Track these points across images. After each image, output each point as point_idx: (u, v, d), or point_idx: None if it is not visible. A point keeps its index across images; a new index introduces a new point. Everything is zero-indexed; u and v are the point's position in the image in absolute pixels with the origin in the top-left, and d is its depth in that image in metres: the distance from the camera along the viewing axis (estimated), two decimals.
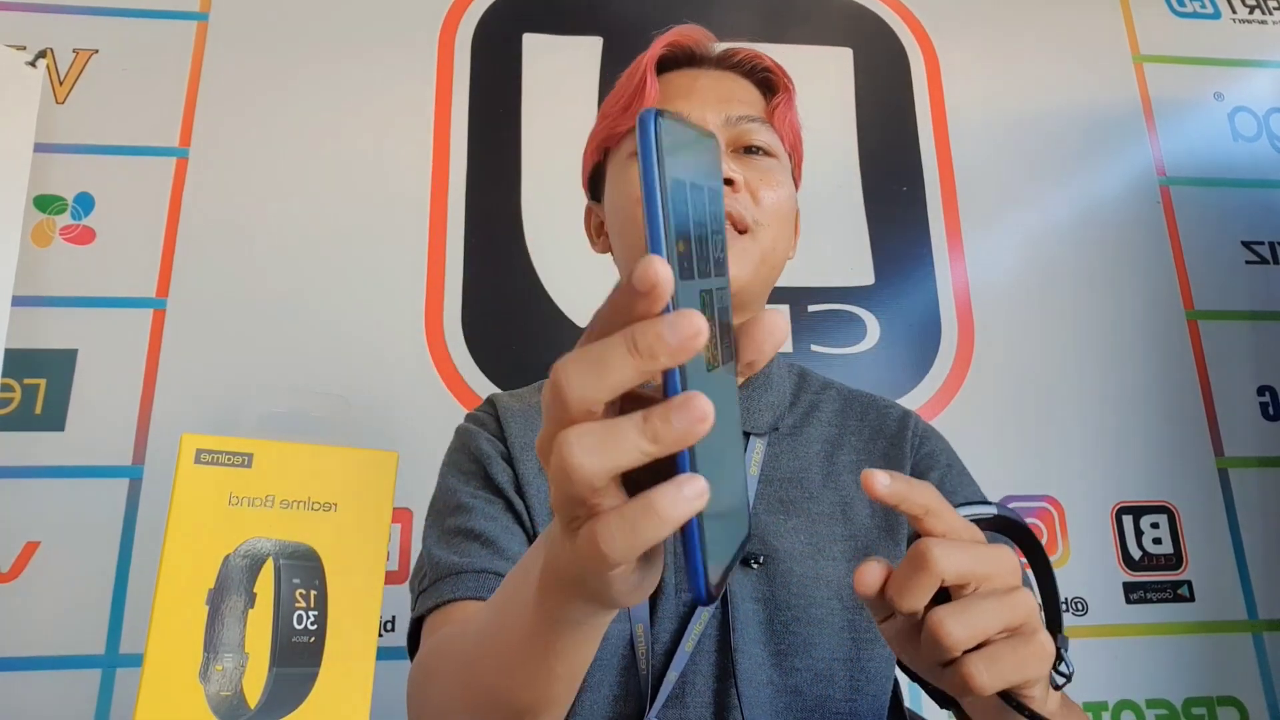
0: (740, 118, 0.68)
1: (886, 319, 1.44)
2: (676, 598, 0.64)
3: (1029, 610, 0.39)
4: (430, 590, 0.60)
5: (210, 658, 0.44)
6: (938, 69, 1.59)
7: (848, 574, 0.65)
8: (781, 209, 0.68)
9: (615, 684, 0.62)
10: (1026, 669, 0.39)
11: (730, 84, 0.71)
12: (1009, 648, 0.39)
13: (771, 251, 0.68)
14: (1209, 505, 1.39)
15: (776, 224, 0.68)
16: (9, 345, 1.23)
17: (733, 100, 0.69)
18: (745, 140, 0.69)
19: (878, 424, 0.74)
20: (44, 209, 1.34)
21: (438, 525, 0.65)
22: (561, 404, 0.28)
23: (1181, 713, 1.30)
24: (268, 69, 1.45)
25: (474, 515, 0.63)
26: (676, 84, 0.71)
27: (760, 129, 0.69)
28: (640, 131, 0.29)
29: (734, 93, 0.71)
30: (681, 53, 0.72)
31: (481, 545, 0.61)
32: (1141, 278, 1.50)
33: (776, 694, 0.62)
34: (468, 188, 1.43)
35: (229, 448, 0.47)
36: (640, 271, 0.26)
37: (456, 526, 0.63)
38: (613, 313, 0.28)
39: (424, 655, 0.56)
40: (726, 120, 0.68)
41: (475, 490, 0.66)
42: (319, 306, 1.34)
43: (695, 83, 0.71)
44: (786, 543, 0.66)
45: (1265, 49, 1.67)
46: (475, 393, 1.33)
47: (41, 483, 1.22)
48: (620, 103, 0.71)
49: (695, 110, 0.68)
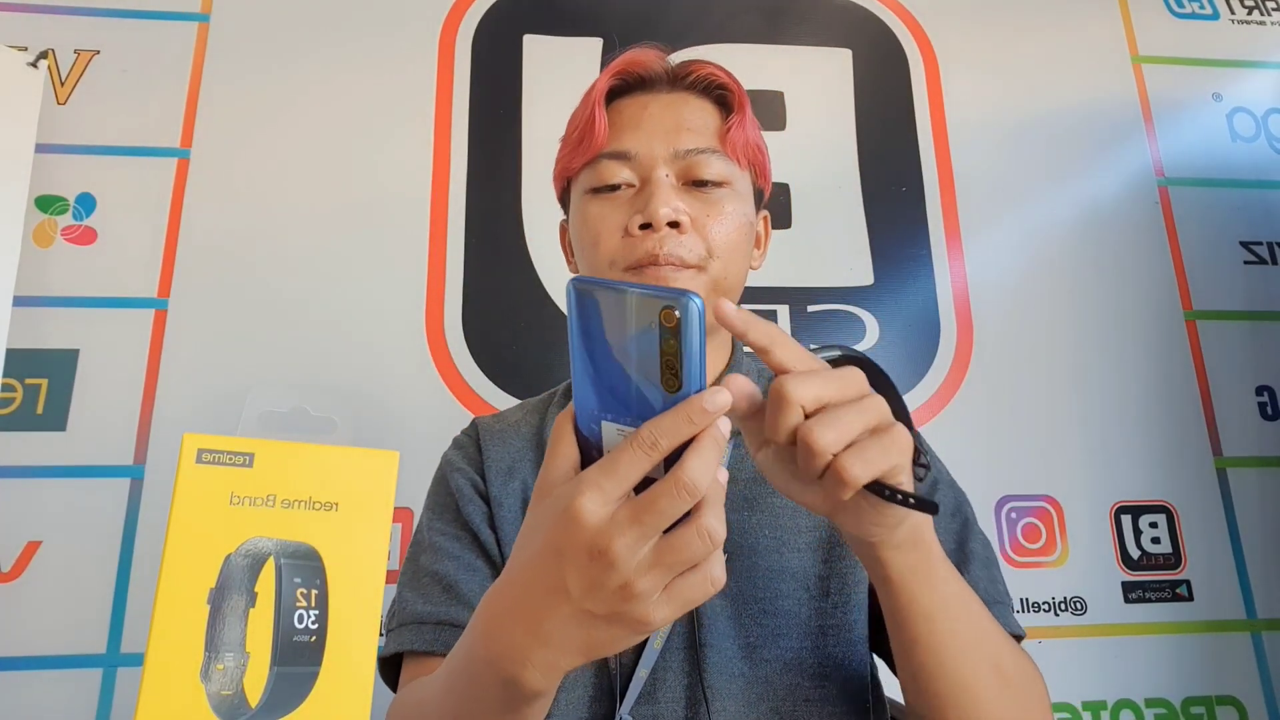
0: (689, 151, 0.68)
1: (886, 319, 1.45)
2: None
3: (882, 411, 0.44)
4: (396, 632, 0.67)
5: (211, 657, 0.44)
6: (937, 70, 1.59)
7: (814, 565, 0.67)
8: (730, 240, 0.68)
9: (588, 684, 0.64)
10: (890, 455, 0.43)
11: (681, 109, 0.71)
12: (872, 441, 0.43)
13: (723, 279, 0.68)
14: (1208, 505, 1.40)
15: (726, 253, 0.68)
16: (11, 345, 1.23)
17: (681, 130, 0.69)
18: (694, 174, 0.68)
19: None
20: (45, 209, 1.34)
21: (412, 562, 0.71)
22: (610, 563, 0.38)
23: (1180, 712, 1.31)
24: (269, 70, 1.46)
25: (441, 556, 0.68)
26: (627, 114, 0.71)
27: (710, 160, 0.68)
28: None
29: (685, 119, 0.70)
30: (632, 79, 0.72)
31: (443, 590, 0.66)
32: (1140, 278, 1.50)
33: (747, 685, 0.63)
34: (468, 188, 1.44)
35: (230, 447, 0.47)
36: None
37: (425, 567, 0.68)
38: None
39: (392, 709, 0.62)
40: (675, 154, 0.68)
41: (444, 527, 0.70)
42: (319, 306, 1.35)
43: (645, 111, 0.70)
44: (751, 538, 0.67)
45: (1264, 50, 1.67)
46: (475, 393, 1.33)
47: (43, 482, 1.23)
48: (575, 136, 0.72)
49: (643, 145, 0.68)
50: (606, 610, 0.39)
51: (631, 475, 0.38)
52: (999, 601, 0.66)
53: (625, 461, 0.37)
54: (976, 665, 0.54)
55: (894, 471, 0.43)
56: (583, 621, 0.39)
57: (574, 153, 0.72)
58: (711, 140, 0.70)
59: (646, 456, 0.37)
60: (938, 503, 0.45)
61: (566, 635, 0.40)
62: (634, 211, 0.67)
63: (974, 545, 0.68)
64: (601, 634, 0.40)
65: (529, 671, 0.41)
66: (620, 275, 0.67)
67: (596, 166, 0.70)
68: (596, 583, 0.38)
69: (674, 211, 0.66)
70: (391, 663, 0.68)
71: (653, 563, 0.38)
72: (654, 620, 0.39)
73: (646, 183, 0.68)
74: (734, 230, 0.68)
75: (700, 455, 0.37)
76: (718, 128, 0.71)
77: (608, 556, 0.37)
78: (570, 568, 0.38)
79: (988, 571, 0.68)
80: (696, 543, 0.37)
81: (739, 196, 0.70)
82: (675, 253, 0.65)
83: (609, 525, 0.37)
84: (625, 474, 0.37)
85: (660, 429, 0.37)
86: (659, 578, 0.38)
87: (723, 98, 0.73)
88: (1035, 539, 1.36)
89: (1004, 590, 0.68)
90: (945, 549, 0.66)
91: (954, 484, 0.74)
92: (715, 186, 0.69)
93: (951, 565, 0.54)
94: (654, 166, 0.68)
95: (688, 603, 0.39)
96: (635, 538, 0.37)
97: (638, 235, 0.66)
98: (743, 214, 0.70)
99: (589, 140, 0.70)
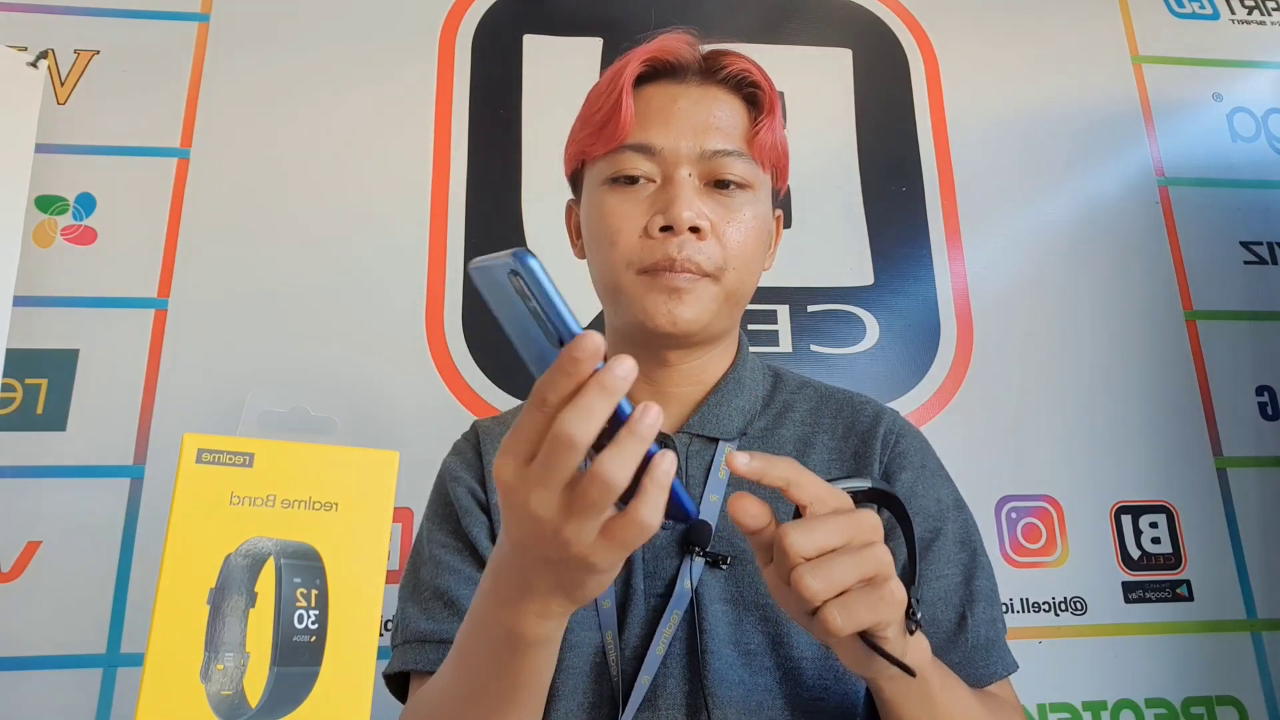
0: (715, 152, 0.66)
1: (886, 319, 1.45)
2: (645, 603, 0.65)
3: (880, 562, 0.45)
4: (401, 649, 0.67)
5: (211, 657, 0.44)
6: (937, 70, 1.59)
7: None
8: (747, 247, 0.67)
9: (589, 691, 0.63)
10: (877, 612, 0.45)
11: (710, 105, 0.68)
12: (861, 594, 0.45)
13: (736, 290, 0.68)
14: (1208, 505, 1.40)
15: (742, 263, 0.67)
16: (10, 345, 1.23)
17: (709, 129, 0.67)
18: (718, 174, 0.67)
19: (850, 421, 0.73)
20: (45, 209, 1.34)
21: (413, 574, 0.71)
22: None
23: (1180, 712, 1.31)
24: (268, 70, 1.45)
25: (442, 571, 0.68)
26: (655, 104, 0.68)
27: (735, 162, 0.67)
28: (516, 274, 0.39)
29: (713, 118, 0.68)
30: (662, 66, 0.70)
31: (444, 606, 0.67)
32: (1140, 278, 1.50)
33: (748, 693, 0.62)
34: (468, 188, 1.44)
35: (230, 447, 0.47)
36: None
37: (427, 581, 0.69)
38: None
39: (403, 716, 0.64)
40: (701, 155, 0.66)
41: (445, 539, 0.71)
42: (319, 306, 1.35)
43: (674, 104, 0.68)
44: None
45: (1264, 50, 1.67)
46: (475, 393, 1.33)
47: (43, 482, 1.22)
48: (597, 119, 0.69)
49: (669, 141, 0.66)
50: (558, 556, 0.41)
51: (529, 433, 0.39)
52: (996, 641, 0.67)
53: (523, 422, 0.39)
54: None
55: (880, 626, 0.45)
56: (550, 568, 0.43)
57: (595, 137, 0.69)
58: (738, 142, 0.68)
59: (539, 412, 0.39)
60: (914, 670, 0.47)
61: (544, 582, 0.44)
62: (654, 211, 0.65)
63: (980, 583, 0.68)
64: (568, 577, 0.43)
65: (528, 620, 0.45)
66: (634, 277, 0.66)
67: (618, 157, 0.67)
68: (536, 534, 0.41)
69: (695, 217, 0.64)
70: (397, 677, 0.68)
71: (567, 510, 0.39)
72: (597, 562, 0.41)
73: (669, 181, 0.66)
74: (751, 238, 0.68)
75: (577, 409, 0.38)
76: (745, 128, 0.69)
77: (527, 510, 0.40)
78: (514, 523, 0.42)
79: (990, 611, 0.67)
80: (591, 489, 0.38)
81: (758, 200, 0.69)
82: (693, 258, 0.64)
83: (522, 484, 0.40)
84: (524, 432, 0.39)
85: (544, 385, 0.38)
86: (581, 523, 0.40)
87: (753, 96, 0.70)
88: (1035, 539, 1.36)
89: (1001, 626, 0.68)
90: (951, 582, 0.67)
91: (961, 505, 0.72)
92: (737, 189, 0.67)
93: (947, 672, 0.56)
94: (678, 165, 0.66)
95: (624, 544, 0.41)
96: (541, 490, 0.39)
97: (658, 238, 0.65)
98: (761, 218, 0.69)
99: (613, 127, 0.67)
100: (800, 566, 0.44)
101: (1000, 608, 0.69)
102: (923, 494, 0.70)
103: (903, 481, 0.70)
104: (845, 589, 0.44)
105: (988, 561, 0.70)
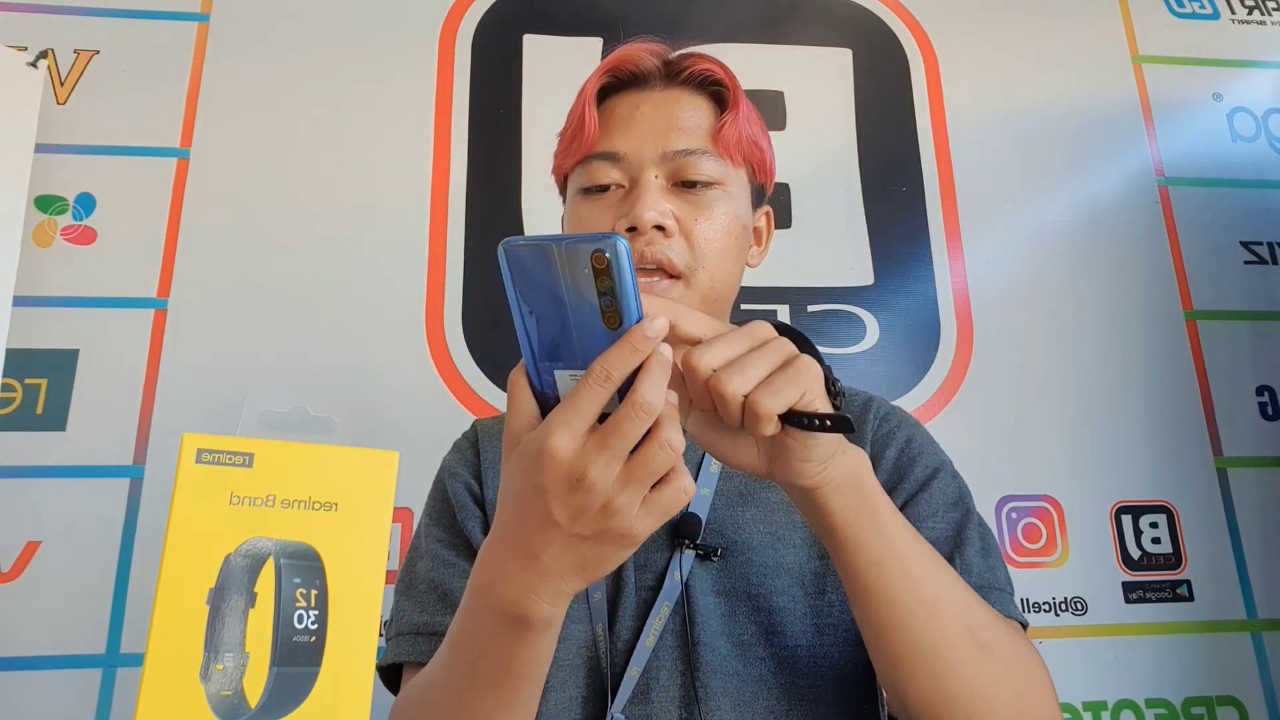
0: (679, 151, 0.67)
1: (886, 319, 1.45)
2: (636, 596, 0.65)
3: (786, 349, 0.47)
4: (394, 641, 0.68)
5: (211, 657, 0.44)
6: (937, 69, 1.59)
7: (809, 561, 0.66)
8: (718, 245, 0.67)
9: (581, 685, 0.63)
10: (798, 383, 0.46)
11: (672, 108, 0.69)
12: (779, 374, 0.46)
13: (710, 290, 0.68)
14: (1208, 505, 1.40)
15: (714, 261, 0.67)
16: (10, 345, 1.23)
17: (673, 130, 0.68)
18: (683, 175, 0.68)
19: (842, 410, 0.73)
20: (45, 209, 1.34)
21: (409, 569, 0.72)
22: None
23: (1181, 712, 1.31)
24: (268, 70, 1.46)
25: (437, 564, 0.69)
26: (619, 112, 0.70)
27: (700, 160, 0.68)
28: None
29: (676, 119, 0.69)
30: (625, 76, 0.71)
31: (438, 599, 0.67)
32: (1140, 278, 1.50)
33: (742, 684, 0.62)
34: (468, 188, 1.44)
35: (230, 447, 0.47)
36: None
37: (421, 575, 0.70)
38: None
39: (394, 709, 0.63)
40: (664, 156, 0.67)
41: (441, 534, 0.71)
42: (319, 306, 1.35)
43: (637, 110, 0.70)
44: (745, 534, 0.67)
45: (1264, 50, 1.67)
46: (475, 393, 1.33)
47: (43, 482, 1.22)
48: (568, 134, 0.72)
49: (632, 146, 0.68)
50: (594, 530, 0.43)
51: (592, 409, 0.41)
52: (996, 588, 0.64)
53: (584, 397, 0.41)
54: (945, 627, 0.53)
55: (806, 398, 0.46)
56: (575, 545, 0.44)
57: (566, 151, 0.72)
58: (703, 140, 0.69)
59: (603, 389, 0.41)
60: (851, 419, 0.45)
61: (563, 561, 0.44)
62: (620, 215, 0.67)
63: (970, 532, 0.66)
64: (593, 553, 0.44)
65: (537, 603, 0.45)
66: None
67: (587, 167, 0.70)
68: (581, 507, 0.42)
69: (659, 215, 0.65)
70: (391, 670, 0.69)
71: (626, 479, 0.42)
72: (638, 531, 0.43)
73: (634, 184, 0.68)
74: (722, 233, 0.68)
75: (650, 378, 0.41)
76: (711, 126, 0.70)
77: (586, 482, 0.41)
78: (554, 500, 0.42)
79: (985, 559, 0.65)
80: (660, 455, 0.41)
81: (731, 197, 0.69)
82: (663, 255, 0.65)
83: (581, 455, 0.41)
84: (587, 408, 0.41)
85: (610, 362, 0.41)
86: (635, 492, 0.42)
87: (718, 94, 0.71)
88: (1035, 539, 1.36)
89: (1003, 578, 0.66)
90: (942, 535, 0.65)
91: (956, 475, 0.72)
92: (706, 187, 0.68)
93: (904, 520, 0.54)
94: (644, 168, 0.68)
95: (666, 511, 0.43)
96: (607, 460, 0.41)
97: None
98: (734, 215, 0.69)
99: (580, 140, 0.70)
100: (715, 373, 0.45)
101: (1000, 561, 0.67)
102: (909, 463, 0.69)
103: (889, 456, 0.70)
104: (762, 380, 0.46)
105: (984, 524, 0.69)
